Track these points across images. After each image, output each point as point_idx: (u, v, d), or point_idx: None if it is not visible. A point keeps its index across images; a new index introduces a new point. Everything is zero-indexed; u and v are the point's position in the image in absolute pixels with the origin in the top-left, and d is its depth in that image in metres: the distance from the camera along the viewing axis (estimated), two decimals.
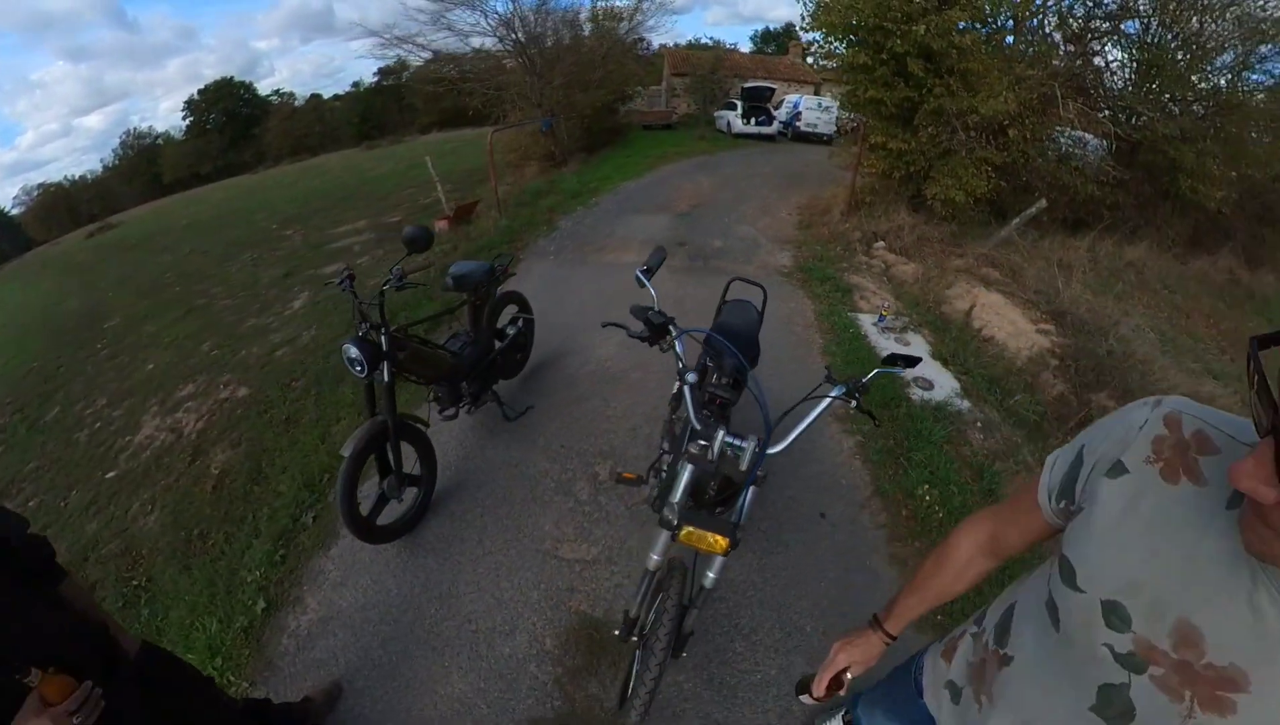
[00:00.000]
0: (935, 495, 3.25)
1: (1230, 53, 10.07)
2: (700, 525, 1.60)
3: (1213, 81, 10.30)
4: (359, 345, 2.63)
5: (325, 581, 2.78)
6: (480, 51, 15.48)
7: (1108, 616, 0.69)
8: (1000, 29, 9.48)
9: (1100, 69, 10.44)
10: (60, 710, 1.17)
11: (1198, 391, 5.29)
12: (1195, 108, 10.27)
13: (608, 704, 2.18)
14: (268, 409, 4.64)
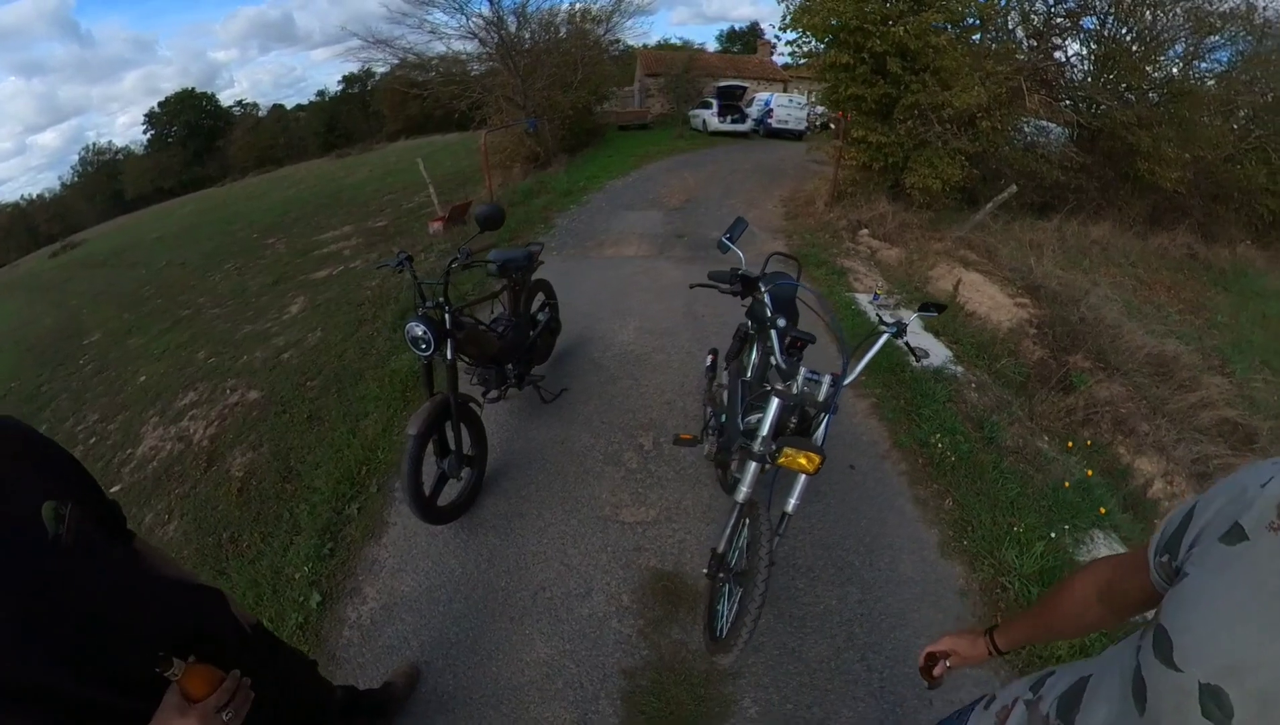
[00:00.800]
0: (946, 442, 3.61)
1: (1181, 43, 10.87)
2: (796, 447, 1.88)
3: (1166, 70, 11.06)
4: (425, 323, 2.66)
5: (382, 570, 2.82)
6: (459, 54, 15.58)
7: (1205, 704, 0.60)
8: (969, 28, 9.96)
9: (1062, 62, 11.09)
10: (208, 706, 0.99)
11: (1163, 351, 5.72)
12: (1150, 95, 10.95)
13: (692, 646, 2.37)
14: (285, 409, 4.64)
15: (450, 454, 2.93)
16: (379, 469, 3.55)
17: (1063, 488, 3.42)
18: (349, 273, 8.23)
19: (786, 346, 2.25)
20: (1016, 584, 2.77)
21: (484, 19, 14.74)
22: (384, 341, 5.26)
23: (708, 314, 5.40)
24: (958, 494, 3.30)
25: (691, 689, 2.25)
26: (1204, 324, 8.27)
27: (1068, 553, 3.02)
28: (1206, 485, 4.18)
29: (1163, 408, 4.94)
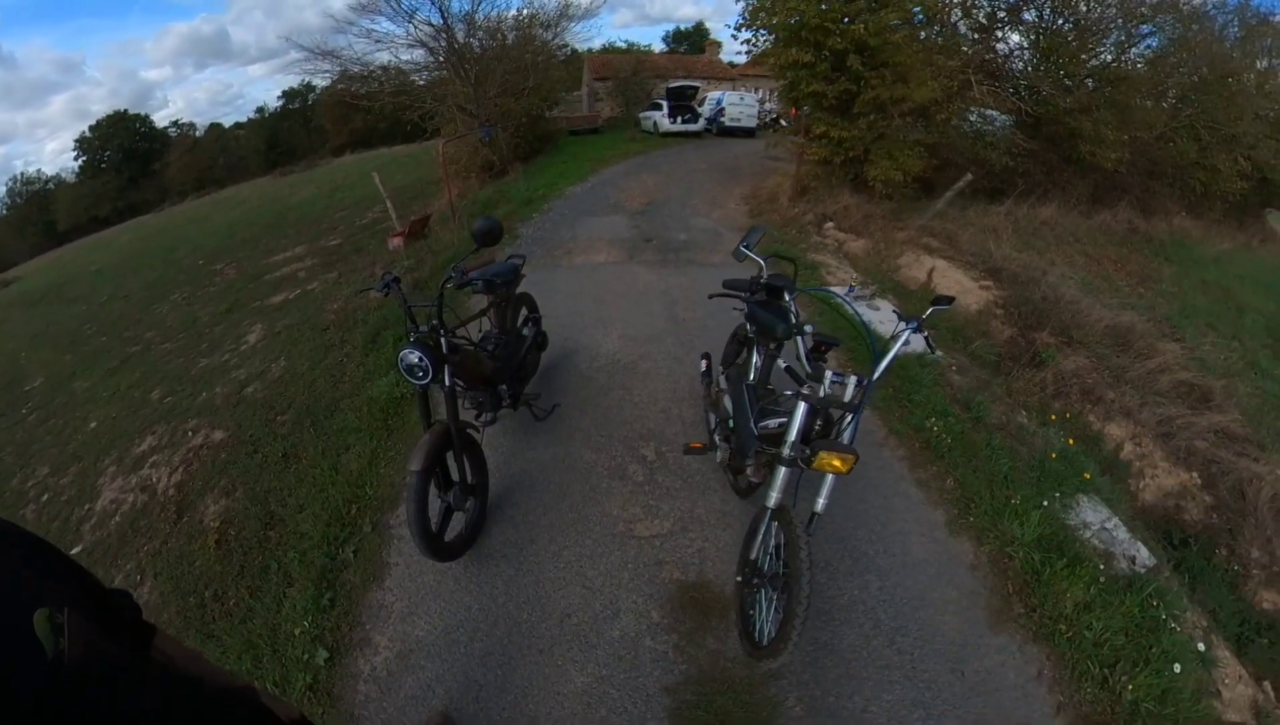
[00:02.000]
0: (940, 425, 3.74)
1: (1115, 32, 11.48)
2: (831, 450, 1.92)
3: (1102, 58, 11.64)
4: (421, 349, 2.51)
5: (390, 615, 2.69)
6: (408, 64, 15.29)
7: None
8: (918, 25, 10.29)
9: (1005, 54, 11.59)
10: None
11: (1119, 322, 6.01)
12: (1088, 82, 11.56)
13: (730, 654, 2.38)
14: (257, 449, 4.38)
15: (454, 486, 2.81)
16: (370, 506, 3.39)
17: (1049, 458, 3.58)
18: (307, 296, 7.95)
19: (811, 350, 2.27)
20: (1020, 553, 2.90)
21: (432, 27, 14.53)
22: (356, 367, 5.08)
23: (689, 318, 5.41)
24: (957, 473, 3.41)
25: (736, 696, 2.26)
26: (1152, 293, 8.72)
27: (1060, 519, 3.17)
28: (1172, 446, 4.38)
29: (1125, 375, 5.18)
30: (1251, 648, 3.21)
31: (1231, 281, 12.00)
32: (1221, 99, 13.32)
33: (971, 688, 2.37)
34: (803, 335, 2.31)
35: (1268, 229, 19.89)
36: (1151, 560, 3.15)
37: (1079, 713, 2.35)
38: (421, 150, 21.67)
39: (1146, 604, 2.76)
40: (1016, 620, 2.68)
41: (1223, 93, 13.38)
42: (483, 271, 3.44)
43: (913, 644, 2.49)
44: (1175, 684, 2.44)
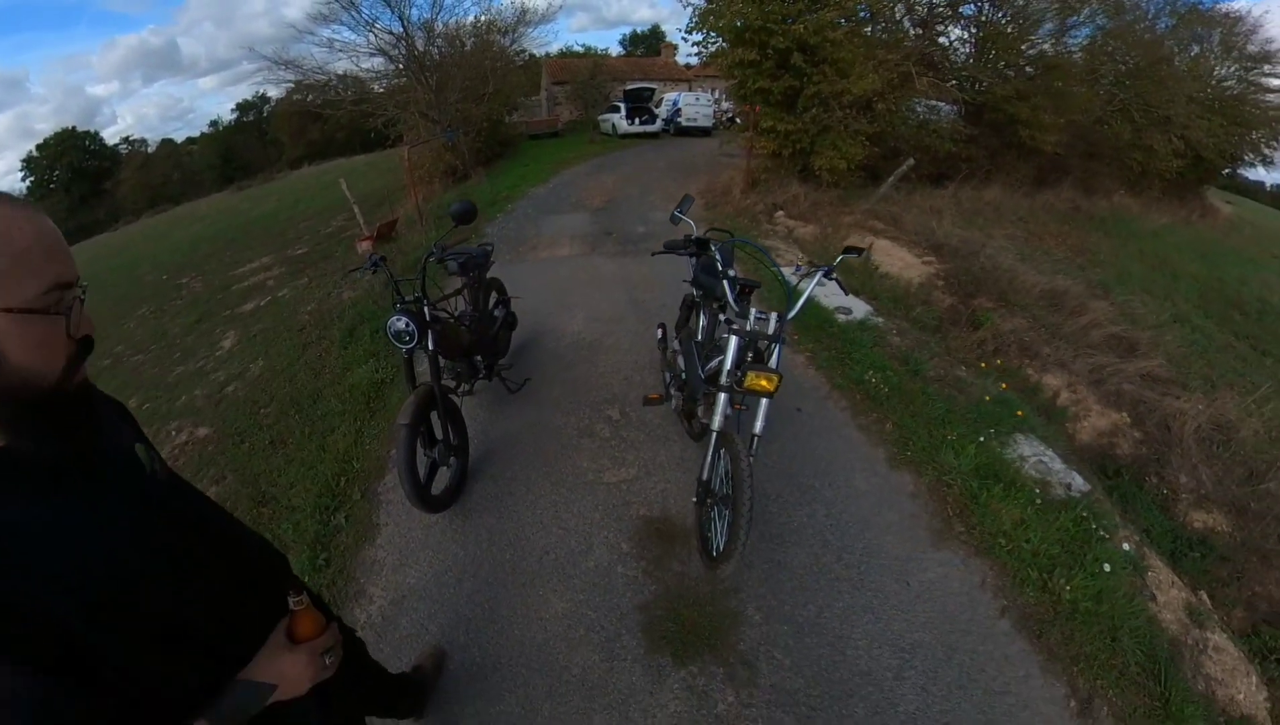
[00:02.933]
0: (879, 378, 4.12)
1: (1050, 23, 12.30)
2: (757, 371, 2.25)
3: (1038, 48, 12.39)
4: (408, 316, 2.78)
5: (383, 569, 2.87)
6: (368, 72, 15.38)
7: None
8: (862, 21, 10.85)
9: (946, 46, 12.29)
10: (317, 646, 1.06)
11: (1053, 286, 6.48)
12: (1026, 70, 12.30)
13: (693, 574, 2.66)
14: (243, 439, 4.54)
15: (439, 443, 3.06)
16: (359, 477, 3.60)
17: (984, 402, 3.95)
18: (279, 302, 8.05)
19: (737, 294, 2.58)
20: (958, 481, 3.24)
21: (393, 35, 14.68)
22: (335, 359, 5.26)
23: (648, 300, 5.74)
24: (895, 418, 3.77)
25: (701, 609, 2.53)
26: (1087, 262, 9.29)
27: (996, 452, 3.52)
28: (1103, 391, 4.79)
29: (1059, 332, 5.62)
30: (1185, 561, 3.56)
31: (1169, 252, 12.81)
32: (1154, 84, 14.29)
33: (918, 595, 2.68)
34: (729, 281, 2.63)
35: (1207, 204, 21.20)
36: (1086, 486, 3.48)
37: (1022, 613, 2.66)
38: (381, 159, 21.67)
39: (1080, 519, 3.10)
40: (958, 538, 3.00)
41: (1155, 78, 14.36)
42: (458, 253, 3.71)
43: (859, 560, 2.80)
44: (1109, 585, 2.77)
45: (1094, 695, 2.38)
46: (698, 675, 2.30)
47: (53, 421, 0.81)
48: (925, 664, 2.38)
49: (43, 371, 0.78)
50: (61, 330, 0.81)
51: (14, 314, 0.75)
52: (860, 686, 2.28)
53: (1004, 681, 2.37)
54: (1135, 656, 2.53)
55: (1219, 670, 2.66)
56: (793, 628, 2.48)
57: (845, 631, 2.48)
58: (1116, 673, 2.46)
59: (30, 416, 0.78)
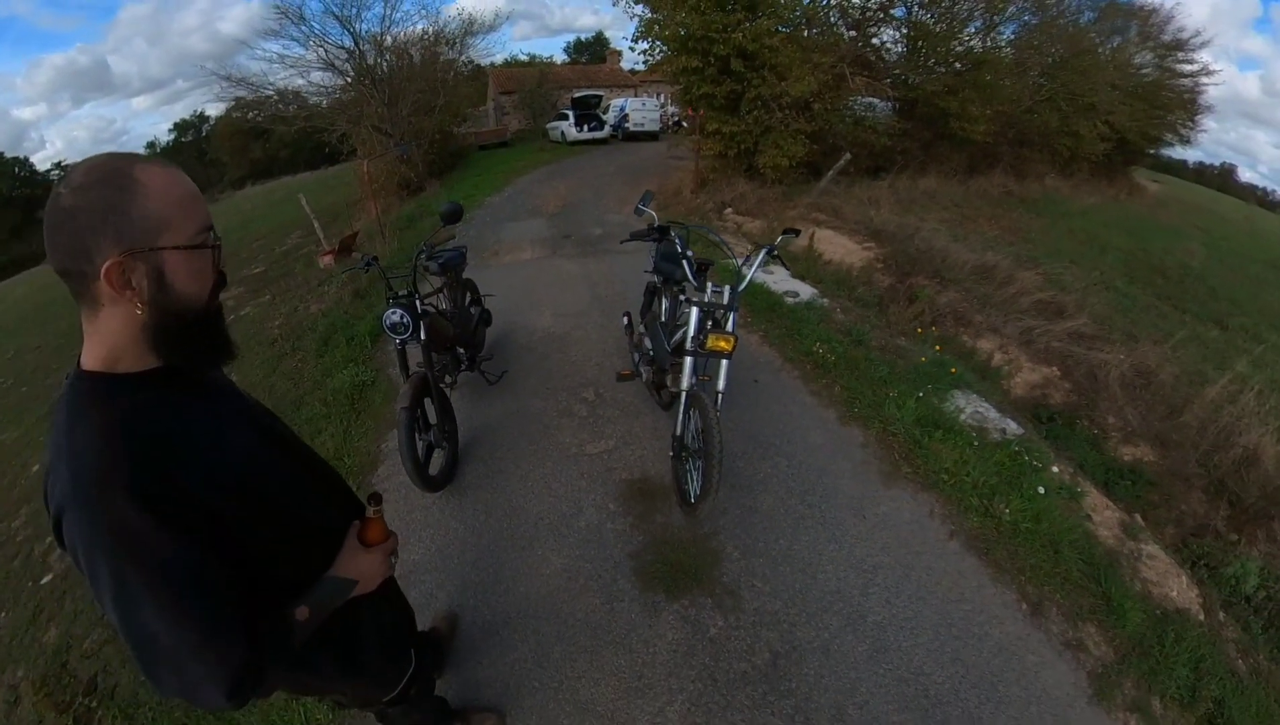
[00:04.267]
0: (826, 348, 4.56)
1: (978, 21, 13.16)
2: (716, 334, 2.64)
3: (967, 44, 13.19)
4: (403, 309, 2.99)
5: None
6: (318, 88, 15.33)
7: None
8: (799, 26, 11.46)
9: (879, 47, 13.03)
10: (387, 548, 1.30)
11: (984, 261, 7.05)
12: (956, 66, 13.05)
13: (675, 523, 2.99)
14: None
15: (433, 427, 3.30)
16: (352, 472, 3.77)
17: (921, 363, 4.41)
18: (243, 320, 8.07)
19: (695, 271, 2.95)
20: (902, 430, 3.67)
21: (344, 50, 14.75)
22: (313, 368, 5.39)
23: (610, 295, 6.09)
24: (843, 382, 4.21)
25: (685, 551, 2.85)
26: (1019, 241, 10.02)
27: (934, 406, 3.96)
28: (1034, 349, 5.31)
29: (990, 301, 6.16)
30: (1118, 488, 4.02)
31: (1097, 228, 13.81)
32: (1078, 74, 15.43)
33: (873, 526, 3.06)
34: (688, 260, 3.04)
35: (1135, 183, 22.87)
36: (1020, 429, 3.92)
37: (969, 535, 3.05)
38: (330, 175, 21.41)
39: (1014, 455, 3.54)
40: (905, 477, 3.41)
41: (1079, 68, 15.50)
42: (440, 250, 3.97)
43: (820, 500, 3.18)
44: (1046, 506, 3.17)
45: (1043, 599, 2.75)
46: (689, 607, 2.61)
47: (202, 339, 1.03)
48: (887, 581, 2.74)
49: (199, 297, 1.00)
50: (210, 262, 1.01)
51: (182, 251, 0.94)
52: (833, 603, 2.63)
53: (959, 592, 2.73)
54: (1077, 565, 2.91)
55: (1154, 574, 3.04)
56: (767, 560, 2.82)
57: (814, 559, 2.83)
58: (1060, 579, 2.83)
59: (186, 335, 0.99)
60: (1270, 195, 77.01)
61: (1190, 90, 20.00)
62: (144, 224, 0.89)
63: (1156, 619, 2.75)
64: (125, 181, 0.88)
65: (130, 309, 0.92)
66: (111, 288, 0.89)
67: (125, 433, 0.91)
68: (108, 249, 0.87)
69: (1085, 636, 2.62)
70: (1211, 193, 45.87)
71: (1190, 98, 20.08)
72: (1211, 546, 3.58)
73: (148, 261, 0.91)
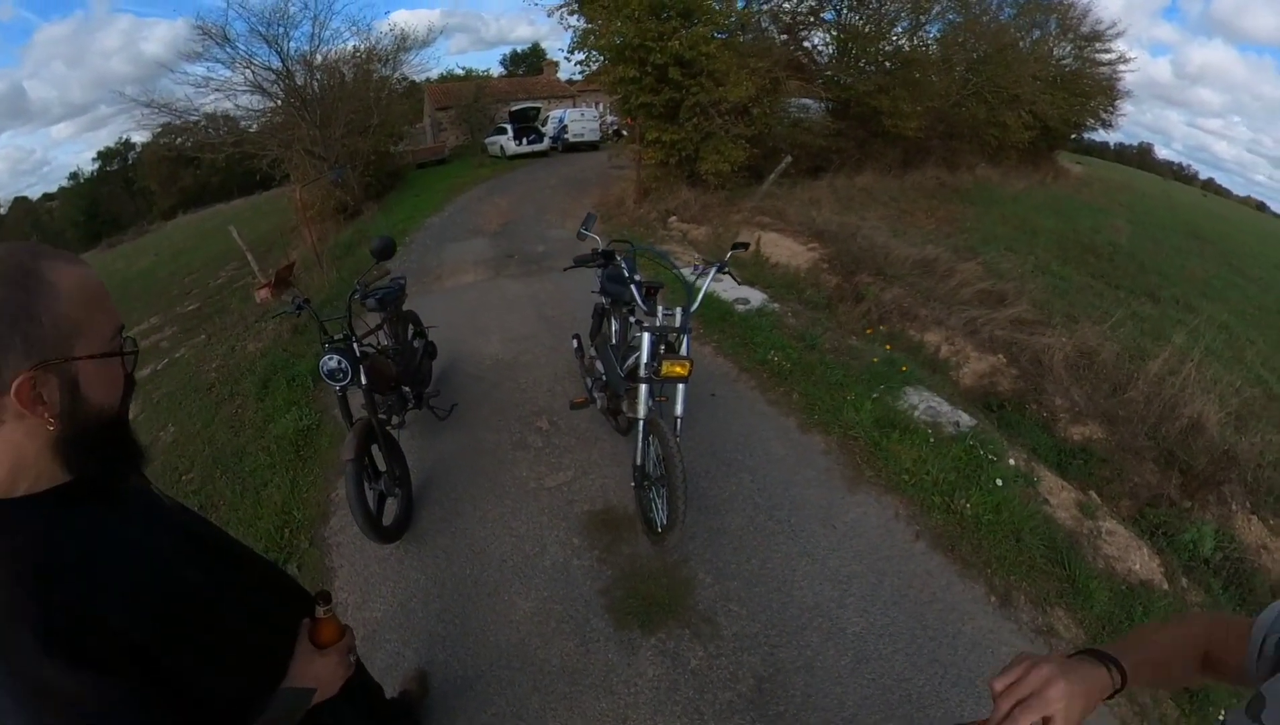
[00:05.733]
0: (781, 356, 4.58)
1: (905, 21, 13.83)
2: (671, 359, 2.57)
3: (895, 45, 13.89)
4: (340, 355, 2.82)
5: (346, 609, 2.85)
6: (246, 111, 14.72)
7: None
8: (734, 32, 11.62)
9: (811, 50, 13.49)
10: (343, 647, 1.18)
11: (924, 256, 7.24)
12: (886, 65, 13.61)
13: (643, 553, 2.91)
14: None
15: (383, 475, 3.12)
16: (303, 526, 3.56)
17: (873, 363, 4.48)
18: (179, 363, 7.62)
19: (644, 295, 2.88)
20: (862, 434, 3.70)
21: (272, 71, 14.19)
22: (254, 413, 5.11)
23: (557, 315, 5.99)
24: (799, 389, 4.23)
25: (656, 582, 2.77)
26: (955, 231, 10.34)
27: (890, 405, 4.02)
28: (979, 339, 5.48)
29: (933, 294, 6.32)
30: (1071, 468, 4.17)
31: (1028, 213, 14.43)
32: (1002, 67, 16.27)
33: (843, 535, 3.05)
34: (636, 285, 2.95)
35: (1059, 167, 24.28)
36: (973, 421, 4.02)
37: (934, 533, 3.08)
38: (264, 201, 20.66)
39: (970, 449, 3.61)
40: (869, 481, 3.43)
41: (1003, 62, 16.34)
42: (376, 287, 3.78)
43: (788, 514, 3.16)
44: (1005, 496, 3.24)
45: (1010, 589, 2.79)
46: (666, 640, 2.53)
47: (113, 449, 0.93)
48: (861, 590, 2.74)
49: (110, 406, 0.91)
50: (121, 368, 0.93)
51: (96, 360, 0.85)
52: (811, 619, 2.60)
53: (930, 592, 2.75)
54: (1039, 551, 2.97)
55: (1114, 549, 3.14)
56: (741, 582, 2.78)
57: (788, 576, 2.81)
58: (1026, 567, 2.89)
59: (96, 446, 0.89)
60: (1185, 170, 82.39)
61: (1109, 78, 21.44)
62: (56, 332, 0.79)
63: (1122, 594, 2.83)
64: (34, 283, 0.78)
65: (38, 424, 0.81)
66: (21, 405, 0.78)
67: (30, 568, 0.79)
68: (16, 363, 0.76)
69: (1055, 621, 2.67)
70: (1131, 170, 48.83)
71: (1109, 85, 21.51)
72: (1167, 515, 3.76)
73: (61, 373, 0.81)
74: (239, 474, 4.33)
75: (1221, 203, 48.41)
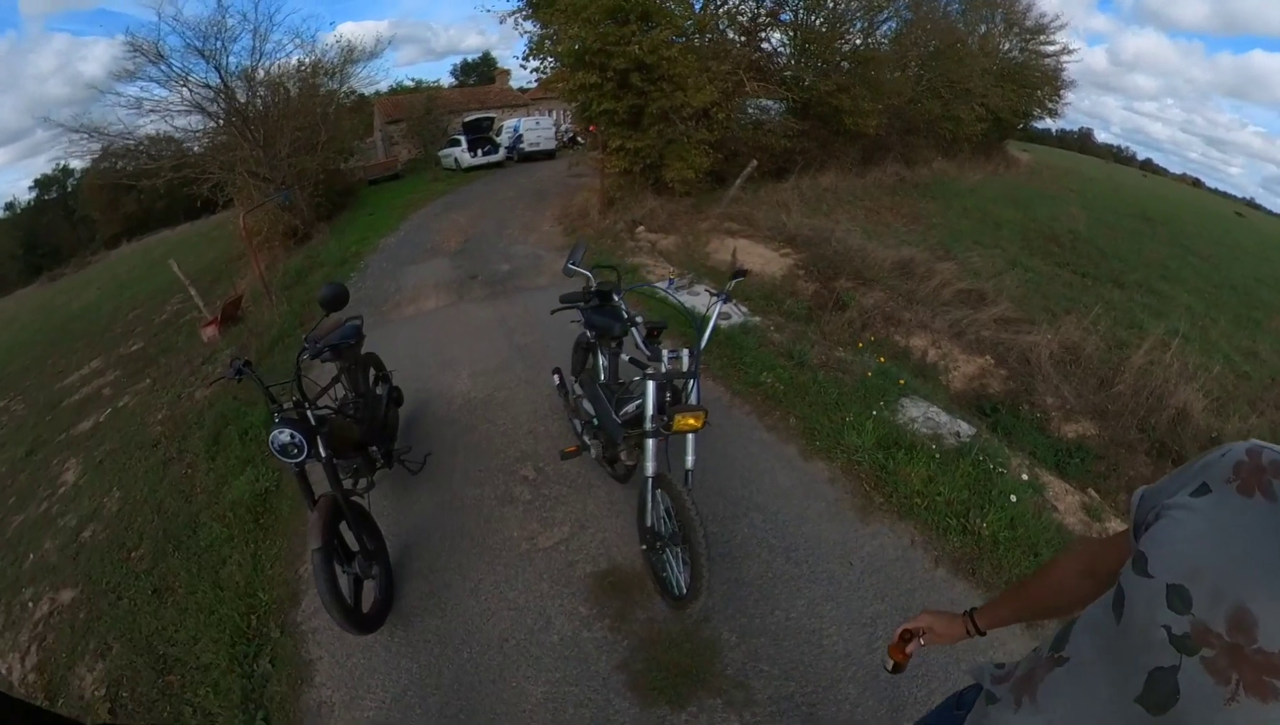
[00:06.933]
0: (773, 377, 4.38)
1: (860, 21, 14.09)
2: (682, 412, 2.29)
3: (851, 44, 14.08)
4: (291, 427, 2.47)
5: (333, 710, 2.57)
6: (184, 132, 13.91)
7: (1170, 599, 0.73)
8: (692, 35, 11.42)
9: (770, 52, 13.55)
10: None
11: (901, 257, 7.15)
12: (843, 65, 13.79)
13: (660, 616, 2.65)
14: (120, 596, 3.81)
15: (356, 556, 2.78)
16: (271, 610, 3.18)
17: (868, 378, 4.33)
18: (122, 414, 7.06)
19: (646, 337, 2.60)
20: (866, 457, 3.52)
21: (210, 89, 13.37)
22: (205, 475, 4.66)
23: (530, 342, 5.62)
24: (797, 412, 4.03)
25: (679, 648, 2.52)
26: (924, 228, 10.35)
27: (890, 421, 3.86)
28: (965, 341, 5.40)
29: (914, 297, 6.21)
30: (1069, 467, 4.12)
31: (988, 204, 14.70)
32: (954, 62, 16.78)
33: (862, 572, 2.86)
34: (636, 326, 2.68)
35: (1009, 156, 25.22)
36: (972, 429, 3.91)
37: (952, 558, 2.94)
38: (211, 226, 19.78)
39: (977, 463, 3.47)
40: (880, 508, 3.26)
41: (954, 57, 16.85)
42: (328, 339, 3.34)
43: (805, 555, 2.95)
44: (1018, 512, 3.13)
45: None
46: (699, 713, 2.30)
47: None
48: (888, 629, 2.55)
49: None
50: None
51: None
52: (845, 669, 2.41)
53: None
54: None
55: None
56: (769, 638, 2.56)
57: (815, 625, 2.61)
58: None
59: None
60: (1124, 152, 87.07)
61: (1054, 69, 22.63)
62: None
63: None
64: None
65: None
66: None
67: None
68: None
69: None
70: (1074, 155, 50.75)
71: (1054, 75, 22.69)
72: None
73: None
74: (193, 550, 3.90)
75: (1161, 182, 50.60)
